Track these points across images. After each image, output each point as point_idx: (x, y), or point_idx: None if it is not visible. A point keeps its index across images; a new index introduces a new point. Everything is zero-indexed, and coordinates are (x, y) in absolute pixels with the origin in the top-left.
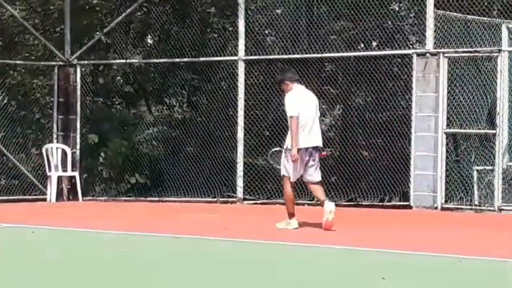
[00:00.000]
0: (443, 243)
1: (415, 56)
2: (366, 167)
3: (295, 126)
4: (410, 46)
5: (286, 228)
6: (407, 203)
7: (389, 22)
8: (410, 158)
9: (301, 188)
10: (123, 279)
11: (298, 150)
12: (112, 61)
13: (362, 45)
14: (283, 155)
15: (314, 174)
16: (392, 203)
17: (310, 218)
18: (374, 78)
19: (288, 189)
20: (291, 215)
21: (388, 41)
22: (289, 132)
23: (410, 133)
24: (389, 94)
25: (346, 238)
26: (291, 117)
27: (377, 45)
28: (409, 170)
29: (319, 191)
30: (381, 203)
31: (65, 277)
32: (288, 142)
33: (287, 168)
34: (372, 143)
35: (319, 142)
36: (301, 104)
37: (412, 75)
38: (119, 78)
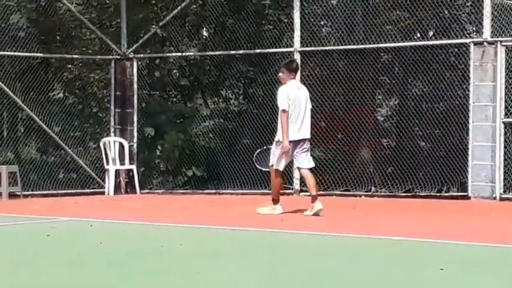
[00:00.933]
0: (502, 234)
1: (472, 45)
2: (423, 158)
3: (286, 120)
4: (467, 35)
5: (272, 214)
6: (465, 194)
7: (446, 11)
8: (468, 148)
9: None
10: (180, 271)
11: (290, 142)
12: (168, 54)
13: (418, 35)
14: (273, 146)
15: (303, 161)
16: (450, 193)
17: (366, 210)
18: (431, 68)
19: (277, 177)
20: (276, 201)
21: (444, 30)
22: (279, 124)
23: (468, 123)
24: (447, 84)
25: (404, 229)
26: (282, 110)
27: (433, 35)
28: (467, 160)
29: (311, 182)
30: (438, 194)
31: (121, 269)
32: (279, 135)
33: (276, 158)
34: (429, 133)
35: (308, 134)
36: (293, 98)
37: (469, 65)
38: (175, 71)
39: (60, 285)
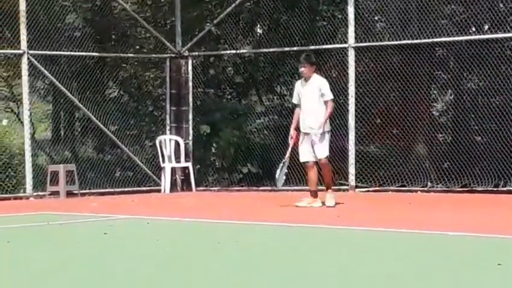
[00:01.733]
0: None
1: None
2: (479, 152)
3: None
4: None
5: (312, 206)
6: None
7: (501, 4)
8: None
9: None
10: (237, 268)
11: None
12: (222, 52)
13: (473, 29)
14: (326, 136)
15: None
16: (508, 188)
17: (422, 206)
18: (486, 62)
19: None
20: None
21: (500, 24)
22: (321, 113)
23: None
24: (503, 78)
25: (461, 224)
26: (332, 100)
27: (489, 29)
28: None
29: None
30: (495, 188)
31: (179, 266)
32: (318, 124)
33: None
34: (485, 127)
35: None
36: None
37: None
38: (229, 68)
39: (120, 281)
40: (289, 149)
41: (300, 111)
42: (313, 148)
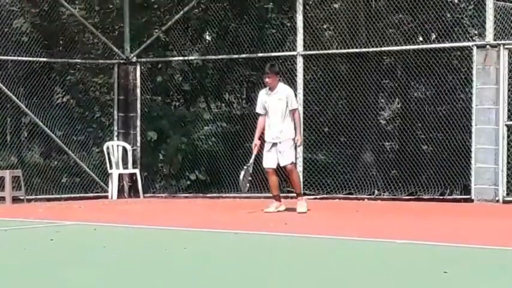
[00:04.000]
0: (506, 237)
1: (475, 48)
2: (426, 161)
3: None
4: (470, 38)
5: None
6: (469, 196)
7: (449, 14)
8: (471, 151)
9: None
10: (184, 274)
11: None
12: (171, 58)
13: (421, 38)
14: (291, 143)
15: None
16: (453, 196)
17: (369, 213)
18: (433, 71)
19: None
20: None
21: (447, 33)
22: (292, 122)
23: (471, 126)
24: (449, 87)
25: (407, 232)
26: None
27: (436, 38)
28: (470, 163)
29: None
30: (441, 197)
31: (124, 272)
32: (290, 132)
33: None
34: (432, 136)
35: None
36: None
37: (472, 68)
38: (178, 75)
39: (66, 286)
40: (253, 156)
41: (265, 120)
42: (278, 155)
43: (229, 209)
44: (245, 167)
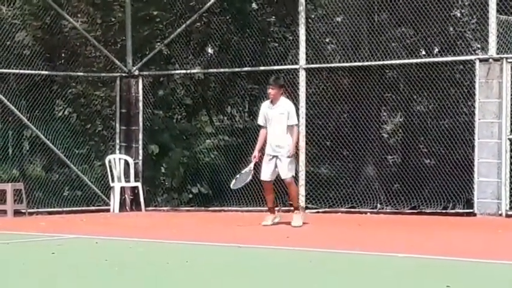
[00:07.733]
0: (509, 251)
1: (477, 62)
2: (428, 174)
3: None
4: (473, 52)
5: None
6: (471, 210)
7: (451, 28)
8: (473, 165)
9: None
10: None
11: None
12: (173, 71)
13: (423, 52)
14: (290, 159)
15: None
16: (456, 210)
17: (372, 227)
18: (436, 85)
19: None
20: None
21: (450, 47)
22: (289, 137)
23: (474, 140)
24: (452, 101)
25: (410, 246)
26: (297, 125)
27: (439, 52)
28: (473, 176)
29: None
30: (444, 211)
31: (127, 286)
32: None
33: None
34: (435, 150)
35: None
36: None
37: (474, 82)
38: (180, 89)
39: None
40: (252, 164)
41: (266, 133)
42: (278, 168)
43: (230, 223)
44: (246, 168)
